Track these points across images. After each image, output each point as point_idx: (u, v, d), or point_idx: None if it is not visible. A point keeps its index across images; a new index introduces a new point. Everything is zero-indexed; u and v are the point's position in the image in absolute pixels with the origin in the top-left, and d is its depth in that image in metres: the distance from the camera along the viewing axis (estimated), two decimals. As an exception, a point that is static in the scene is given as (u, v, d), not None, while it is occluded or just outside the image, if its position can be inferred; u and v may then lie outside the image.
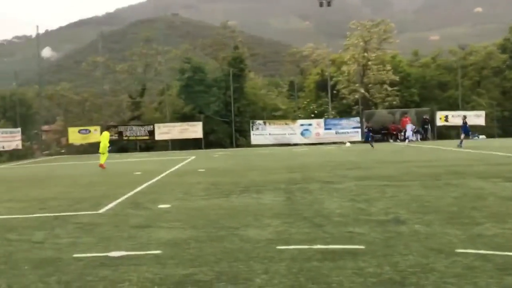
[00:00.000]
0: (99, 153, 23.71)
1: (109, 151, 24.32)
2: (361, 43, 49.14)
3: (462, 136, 29.92)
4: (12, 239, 8.14)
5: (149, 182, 15.95)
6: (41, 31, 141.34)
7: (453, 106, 47.52)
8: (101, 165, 22.86)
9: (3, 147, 36.70)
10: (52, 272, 6.09)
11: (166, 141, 43.89)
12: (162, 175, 18.26)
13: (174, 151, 40.01)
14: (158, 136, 43.17)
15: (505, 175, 14.01)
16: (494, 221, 7.99)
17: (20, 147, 39.26)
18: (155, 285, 5.45)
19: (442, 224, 7.99)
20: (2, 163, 33.59)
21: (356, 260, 6.11)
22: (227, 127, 46.13)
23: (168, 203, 11.22)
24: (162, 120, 45.40)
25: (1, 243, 7.83)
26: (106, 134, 24.63)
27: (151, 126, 43.31)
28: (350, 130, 42.25)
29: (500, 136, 44.58)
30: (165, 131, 43.05)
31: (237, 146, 43.46)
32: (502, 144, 30.14)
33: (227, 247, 7.02)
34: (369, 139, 34.10)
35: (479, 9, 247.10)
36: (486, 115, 44.76)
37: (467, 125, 30.73)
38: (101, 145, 23.68)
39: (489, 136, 43.65)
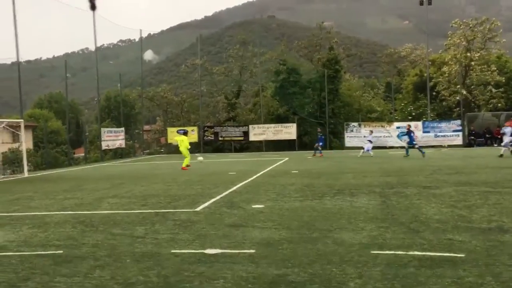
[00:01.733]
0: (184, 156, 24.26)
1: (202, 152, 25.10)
2: (464, 43, 47.02)
3: None
4: (116, 233, 8.60)
5: (244, 182, 16.23)
6: (144, 35, 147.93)
7: None
8: (183, 168, 23.34)
9: (108, 146, 38.83)
10: (152, 266, 6.37)
11: (260, 142, 44.45)
12: (256, 176, 18.51)
13: (267, 152, 40.42)
14: (252, 137, 43.82)
15: None
16: None
17: (123, 145, 41.34)
18: (249, 284, 5.54)
19: (551, 235, 7.47)
20: (106, 161, 35.59)
21: (455, 268, 5.86)
22: (322, 129, 45.93)
23: (262, 204, 11.36)
24: (257, 121, 46.05)
25: (106, 237, 8.30)
26: (185, 138, 24.64)
27: (246, 127, 44.05)
28: (450, 133, 40.59)
29: None
30: (259, 132, 43.62)
31: (331, 148, 43.13)
32: None
33: (320, 249, 6.99)
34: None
35: None
36: None
37: None
38: (181, 149, 24.12)
39: None
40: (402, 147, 39.61)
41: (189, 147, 24.83)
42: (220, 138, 44.46)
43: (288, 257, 6.61)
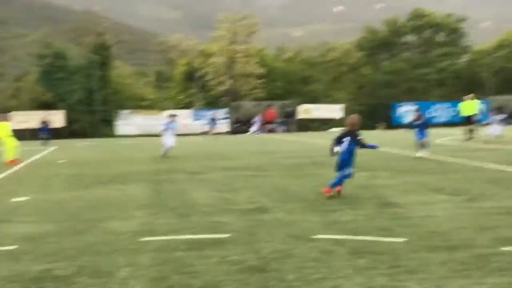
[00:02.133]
0: None
1: None
2: (229, 36, 49.78)
3: None
4: None
5: (3, 175, 14.89)
6: None
7: (314, 99, 49.94)
8: (10, 162, 18.31)
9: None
10: None
11: (24, 130, 41.19)
12: (17, 167, 17.13)
13: (32, 141, 37.69)
14: (14, 125, 40.31)
15: (359, 165, 14.99)
16: (348, 208, 8.54)
17: None
18: (12, 282, 5.12)
19: (302, 212, 8.38)
20: None
21: (221, 248, 6.21)
22: (92, 117, 44.43)
23: (24, 196, 10.56)
24: (19, 108, 42.52)
25: None
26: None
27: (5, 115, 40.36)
28: (218, 121, 42.68)
29: (356, 128, 47.60)
30: (23, 120, 40.38)
31: (102, 136, 42.01)
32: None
33: (89, 240, 6.78)
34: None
35: (339, 8, 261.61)
36: (344, 108, 47.60)
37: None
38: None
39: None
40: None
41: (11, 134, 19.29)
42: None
43: (54, 251, 6.27)
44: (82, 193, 10.93)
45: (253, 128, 33.79)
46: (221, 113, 43.02)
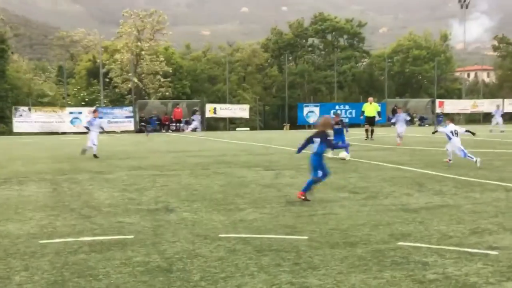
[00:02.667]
0: None
1: None
2: (135, 32, 48.75)
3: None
4: None
5: None
6: None
7: (221, 99, 50.11)
8: None
9: None
10: None
11: None
12: None
13: None
14: None
15: (265, 164, 15.27)
16: (254, 207, 8.66)
17: None
18: None
19: (208, 211, 8.39)
20: None
21: (124, 250, 6.07)
22: (-15, 113, 41.85)
23: None
24: None
25: None
26: None
27: None
28: (123, 119, 41.65)
29: (261, 128, 48.37)
30: None
31: (-3, 134, 39.66)
32: (264, 136, 32.73)
33: (-19, 244, 6.38)
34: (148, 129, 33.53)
35: (245, 9, 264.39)
36: (250, 108, 48.13)
37: None
38: None
39: (252, 128, 47.08)
40: (76, 133, 39.07)
41: None
42: None
43: None
44: (-26, 195, 10.26)
45: (193, 125, 33.78)
46: (126, 111, 42.01)
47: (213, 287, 4.83)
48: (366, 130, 26.14)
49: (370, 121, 26.12)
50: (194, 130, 34.11)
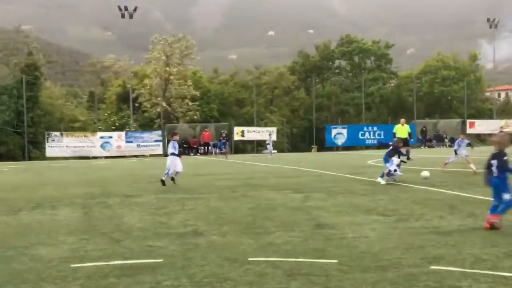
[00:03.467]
0: None
1: None
2: (163, 57, 49.56)
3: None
4: None
5: None
6: None
7: (249, 122, 50.34)
8: None
9: None
10: None
11: None
12: None
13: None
14: None
15: (293, 186, 15.22)
16: (283, 230, 8.61)
17: None
18: None
19: (237, 234, 8.37)
20: None
21: (154, 273, 6.09)
22: (19, 139, 42.81)
23: None
24: None
25: None
26: None
27: None
28: (151, 143, 42.15)
29: (289, 151, 48.33)
30: None
31: (31, 159, 40.48)
32: (292, 159, 32.69)
33: (15, 268, 6.48)
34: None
35: (272, 33, 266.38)
36: (278, 131, 48.22)
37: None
38: None
39: (280, 150, 47.07)
40: (107, 157, 39.63)
41: None
42: None
43: (-23, 281, 5.95)
44: (8, 219, 10.45)
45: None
46: (155, 135, 42.52)
47: (243, 311, 4.80)
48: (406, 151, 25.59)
49: (403, 142, 25.78)
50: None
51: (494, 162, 8.26)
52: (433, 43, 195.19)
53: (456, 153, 19.62)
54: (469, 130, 50.01)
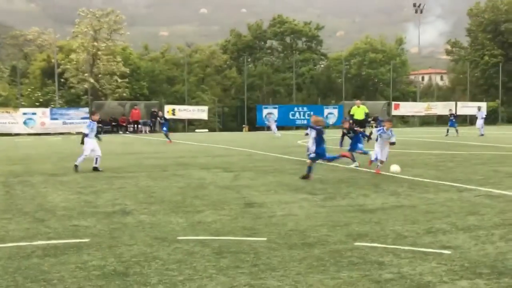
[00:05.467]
0: None
1: None
2: (91, 32, 47.89)
3: None
4: None
5: None
6: None
7: (180, 100, 49.78)
8: None
9: None
10: None
11: None
12: None
13: None
14: None
15: (224, 166, 15.25)
16: (213, 209, 8.63)
17: None
18: None
19: (166, 213, 8.31)
20: None
21: (80, 254, 5.95)
22: None
23: None
24: None
25: None
26: None
27: None
28: (78, 120, 40.83)
29: (220, 130, 48.30)
30: None
31: None
32: (223, 138, 32.71)
33: None
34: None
35: (204, 10, 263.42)
36: (209, 110, 47.98)
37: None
38: None
39: (212, 129, 46.93)
40: (31, 134, 38.10)
41: None
42: None
43: None
44: None
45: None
46: (82, 112, 41.21)
47: (171, 290, 4.78)
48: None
49: (361, 124, 25.21)
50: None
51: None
52: (362, 26, 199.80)
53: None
54: (394, 112, 51.79)
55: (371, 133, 23.16)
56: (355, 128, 16.23)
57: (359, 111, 25.62)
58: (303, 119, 46.71)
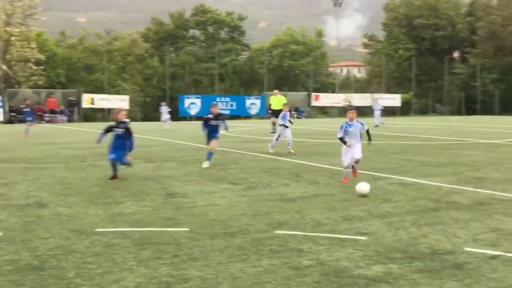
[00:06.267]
0: None
1: None
2: (3, 16, 45.45)
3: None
4: None
5: None
6: None
7: (99, 89, 48.42)
8: None
9: None
10: None
11: None
12: None
13: None
14: None
15: (145, 156, 15.01)
16: (133, 200, 8.48)
17: None
18: None
19: (84, 205, 8.08)
20: None
21: (-10, 249, 5.67)
22: None
23: None
24: None
25: None
26: None
27: None
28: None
29: (142, 120, 47.45)
30: None
31: None
32: (144, 128, 32.14)
33: None
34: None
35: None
36: (130, 99, 47.00)
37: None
38: None
39: (132, 119, 45.98)
40: None
41: None
42: None
43: None
44: None
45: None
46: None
47: (89, 283, 4.66)
48: (274, 123, 24.57)
49: (278, 113, 25.03)
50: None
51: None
52: (284, 18, 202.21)
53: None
54: (314, 103, 52.98)
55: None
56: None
57: (276, 100, 25.34)
58: (225, 110, 46.78)
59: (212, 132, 12.88)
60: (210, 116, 12.83)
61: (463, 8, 69.03)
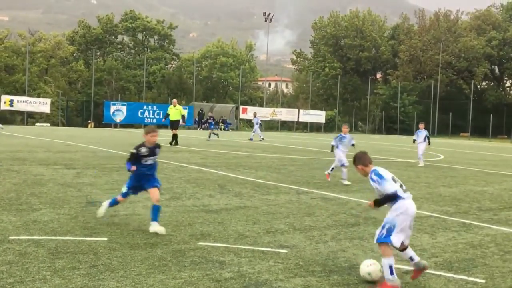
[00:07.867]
0: None
1: None
2: None
3: None
4: None
5: None
6: None
7: (19, 91, 46.46)
8: None
9: None
10: None
11: None
12: None
13: None
14: None
15: (65, 162, 14.50)
16: (50, 207, 8.16)
17: None
18: None
19: (-3, 211, 7.69)
20: None
21: None
22: None
23: None
24: None
25: None
26: None
27: None
28: None
29: (63, 124, 45.91)
30: None
31: None
32: (65, 133, 31.09)
33: None
34: None
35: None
36: (52, 103, 45.39)
37: None
38: None
39: (54, 124, 44.42)
40: None
41: None
42: None
43: None
44: None
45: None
46: None
47: (-2, 294, 4.43)
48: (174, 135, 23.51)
49: (173, 125, 23.86)
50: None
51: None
52: (214, 29, 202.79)
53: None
54: (242, 116, 53.30)
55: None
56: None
57: (174, 111, 23.99)
58: (152, 118, 46.13)
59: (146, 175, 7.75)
60: (142, 149, 7.55)
61: (386, 32, 72.06)
